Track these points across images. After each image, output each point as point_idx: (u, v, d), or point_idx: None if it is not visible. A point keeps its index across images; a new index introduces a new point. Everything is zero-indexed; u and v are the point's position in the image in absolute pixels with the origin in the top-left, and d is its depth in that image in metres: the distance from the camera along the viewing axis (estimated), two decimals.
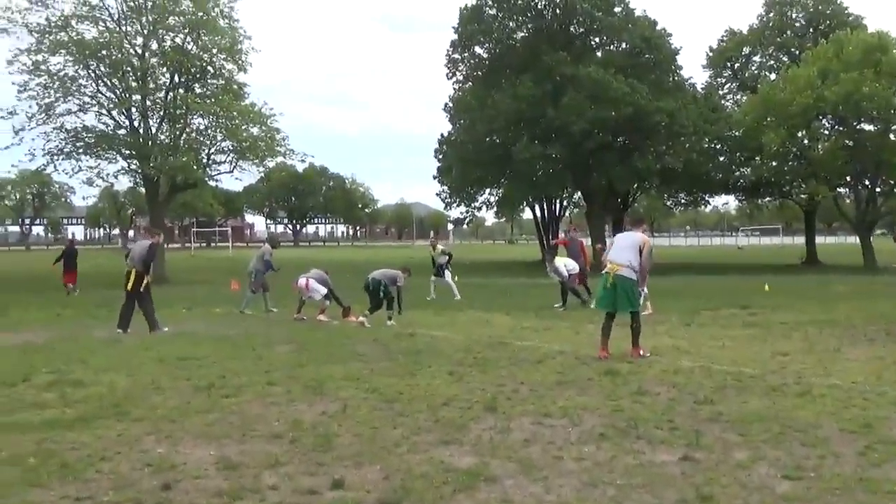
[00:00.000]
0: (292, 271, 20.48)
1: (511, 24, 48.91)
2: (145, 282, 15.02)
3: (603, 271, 11.49)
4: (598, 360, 10.91)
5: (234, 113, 34.08)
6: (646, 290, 16.20)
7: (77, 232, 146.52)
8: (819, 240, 61.12)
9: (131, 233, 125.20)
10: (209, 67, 35.10)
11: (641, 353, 11.28)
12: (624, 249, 11.40)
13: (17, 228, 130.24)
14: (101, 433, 7.08)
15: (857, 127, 42.64)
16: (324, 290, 17.57)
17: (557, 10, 47.35)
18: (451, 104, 52.42)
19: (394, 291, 16.17)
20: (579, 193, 56.87)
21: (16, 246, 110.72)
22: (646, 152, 44.65)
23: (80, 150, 33.83)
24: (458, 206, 54.95)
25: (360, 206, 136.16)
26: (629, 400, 8.36)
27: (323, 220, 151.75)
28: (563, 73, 43.83)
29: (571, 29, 48.38)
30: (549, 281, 21.75)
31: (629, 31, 46.07)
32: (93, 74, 33.54)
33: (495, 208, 59.38)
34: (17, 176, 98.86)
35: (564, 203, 63.65)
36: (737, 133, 46.08)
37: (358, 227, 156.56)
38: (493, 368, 10.45)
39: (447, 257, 23.49)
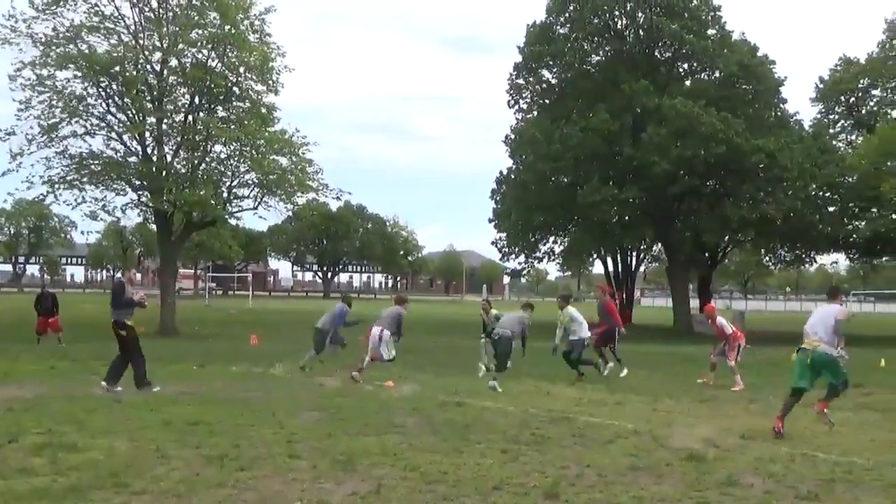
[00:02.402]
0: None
1: (585, 45, 49.14)
2: (126, 330, 15.14)
3: (800, 346, 12.18)
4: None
5: (261, 140, 34.53)
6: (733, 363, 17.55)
7: (77, 273, 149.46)
8: None
9: (138, 276, 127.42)
10: (235, 88, 35.71)
11: (827, 411, 12.08)
12: (821, 324, 12.18)
13: (9, 267, 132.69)
14: None
15: None
16: (391, 354, 17.77)
17: (641, 32, 47.54)
18: (511, 136, 52.44)
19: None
20: (660, 245, 56.53)
21: (7, 287, 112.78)
22: (740, 199, 44.36)
23: (85, 179, 34.43)
24: (516, 256, 54.82)
25: (401, 252, 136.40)
26: (716, 492, 8.22)
27: (358, 268, 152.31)
28: (645, 104, 43.81)
29: (656, 53, 48.53)
30: (623, 347, 21.62)
31: (724, 57, 45.97)
32: (103, 93, 34.31)
33: (560, 260, 59.15)
34: (12, 207, 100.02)
35: (642, 256, 63.34)
36: (850, 179, 45.54)
37: (399, 277, 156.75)
38: (555, 448, 10.37)
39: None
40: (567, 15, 48.41)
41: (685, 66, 49.69)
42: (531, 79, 51.14)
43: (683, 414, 13.68)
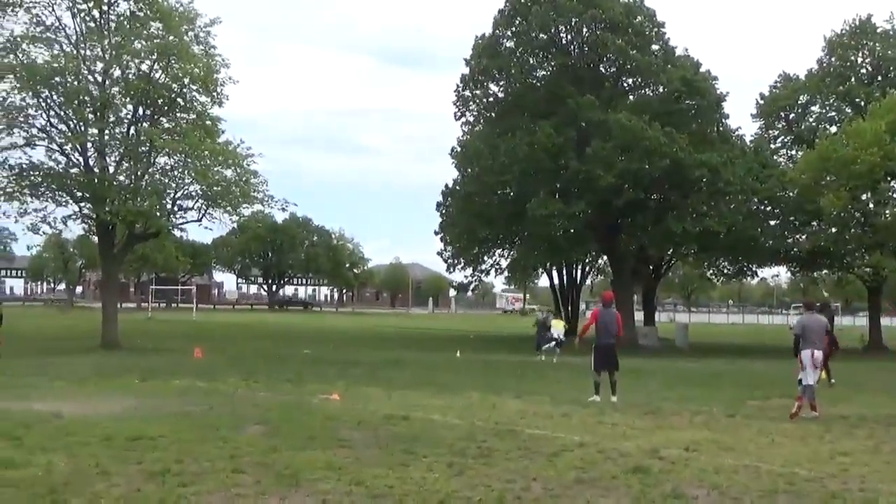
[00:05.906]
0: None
1: (531, 60, 49.31)
2: None
3: None
4: (623, 455, 10.79)
5: (206, 152, 34.20)
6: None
7: (16, 286, 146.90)
8: (885, 321, 60.79)
9: (79, 289, 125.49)
10: (179, 99, 35.37)
11: None
12: None
13: None
14: None
15: None
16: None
17: (585, 47, 47.77)
18: (458, 149, 52.46)
19: None
20: (605, 258, 56.89)
21: None
22: (684, 213, 44.66)
23: (26, 191, 33.91)
24: (462, 268, 54.92)
25: (347, 265, 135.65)
26: None
27: (304, 281, 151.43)
28: (590, 119, 44.01)
29: (601, 68, 48.77)
30: (569, 361, 21.66)
31: (668, 72, 46.28)
32: (43, 104, 33.75)
33: (506, 273, 59.31)
34: None
35: (587, 269, 63.71)
36: (790, 194, 46.11)
37: (344, 290, 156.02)
38: (501, 461, 10.33)
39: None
40: (513, 29, 48.54)
41: (629, 81, 49.98)
42: (478, 91, 51.15)
43: (629, 426, 13.71)
